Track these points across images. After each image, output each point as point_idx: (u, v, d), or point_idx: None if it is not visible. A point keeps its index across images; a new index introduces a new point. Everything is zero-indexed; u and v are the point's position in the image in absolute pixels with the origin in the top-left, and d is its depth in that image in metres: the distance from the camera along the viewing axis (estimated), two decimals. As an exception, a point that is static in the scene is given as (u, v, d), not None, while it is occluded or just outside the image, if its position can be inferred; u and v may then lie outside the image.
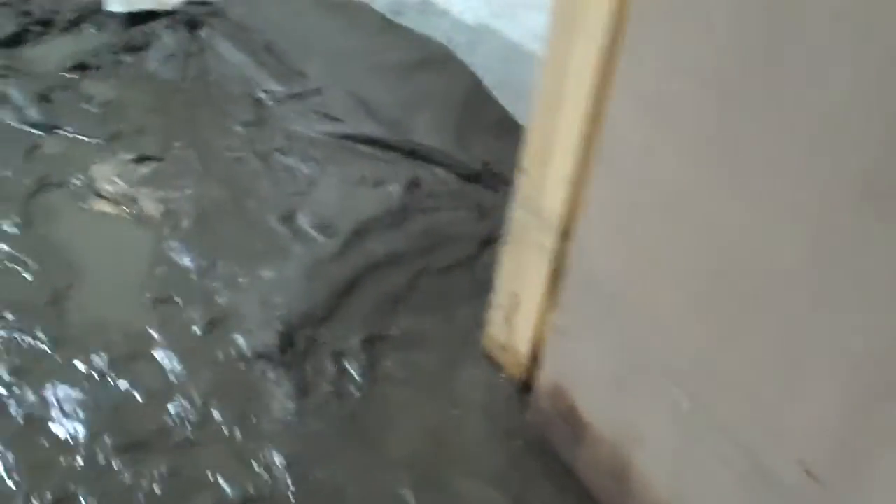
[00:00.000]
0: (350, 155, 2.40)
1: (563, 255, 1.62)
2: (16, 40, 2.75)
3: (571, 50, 1.46)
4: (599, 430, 1.62)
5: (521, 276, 1.74)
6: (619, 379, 1.52)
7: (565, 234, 1.60)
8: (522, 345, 1.80)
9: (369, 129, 2.46)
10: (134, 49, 2.76)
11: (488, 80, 2.56)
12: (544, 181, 1.62)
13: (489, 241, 2.19)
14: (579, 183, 1.55)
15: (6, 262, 2.04)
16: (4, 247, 2.07)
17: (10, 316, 1.91)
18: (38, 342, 1.87)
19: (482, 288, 1.99)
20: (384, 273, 2.09)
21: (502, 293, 1.82)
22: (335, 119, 2.50)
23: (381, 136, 2.44)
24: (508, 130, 2.49)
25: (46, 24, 2.83)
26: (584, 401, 1.65)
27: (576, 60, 1.45)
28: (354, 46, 2.69)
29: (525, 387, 1.82)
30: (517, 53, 2.44)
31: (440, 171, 2.37)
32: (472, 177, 2.37)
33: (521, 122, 2.51)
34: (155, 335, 1.90)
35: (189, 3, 2.90)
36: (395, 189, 2.26)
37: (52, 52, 2.73)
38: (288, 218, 2.21)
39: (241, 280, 2.04)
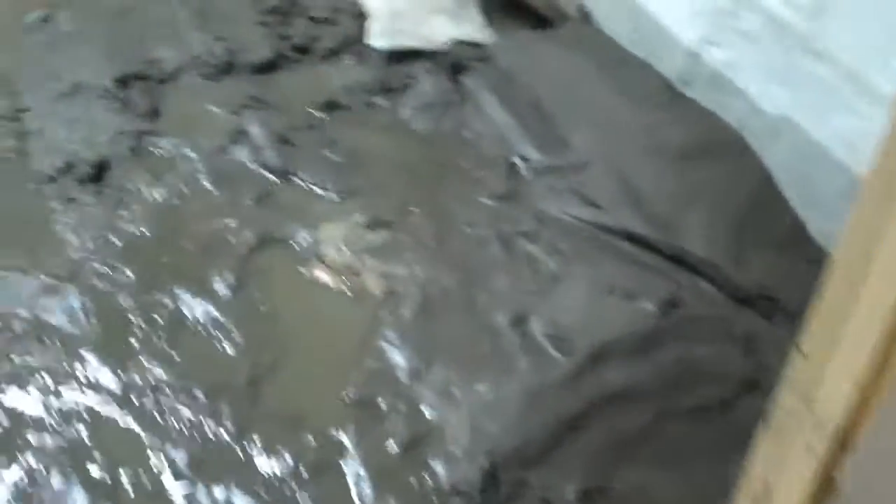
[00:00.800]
0: (603, 252, 2.25)
1: (836, 465, 1.40)
2: (270, 66, 2.79)
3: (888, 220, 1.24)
4: None
5: (778, 466, 1.53)
6: None
7: (842, 443, 1.38)
8: (769, 549, 1.58)
9: (631, 221, 2.30)
10: (389, 91, 2.74)
11: (780, 181, 2.33)
12: (825, 367, 1.40)
13: (752, 386, 1.98)
14: (872, 385, 1.32)
15: (210, 328, 2.05)
16: (212, 310, 2.09)
17: (201, 396, 1.91)
18: (224, 431, 1.86)
19: (734, 444, 1.78)
20: (619, 409, 1.93)
21: (754, 477, 1.61)
22: (594, 204, 2.36)
23: (644, 233, 2.27)
24: (796, 245, 2.26)
25: (304, 51, 2.87)
26: None
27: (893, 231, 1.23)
28: (629, 118, 2.54)
29: None
30: (819, 156, 2.20)
31: (706, 288, 2.18)
32: (744, 299, 2.16)
33: (812, 236, 2.27)
34: (349, 444, 1.85)
35: (457, 44, 2.84)
36: (648, 307, 2.09)
37: (304, 84, 2.76)
38: (520, 321, 2.09)
39: (454, 391, 1.94)
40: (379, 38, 2.86)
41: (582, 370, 1.97)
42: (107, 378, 1.94)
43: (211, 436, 1.85)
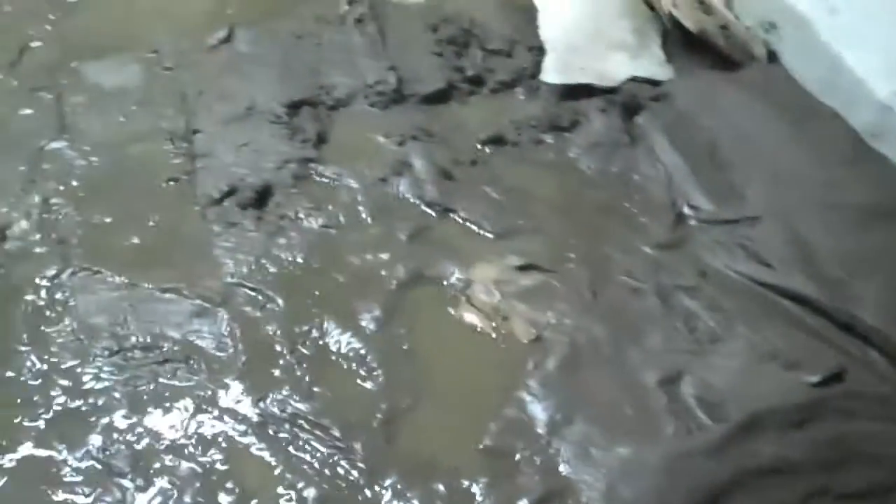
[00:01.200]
0: (768, 314, 2.21)
1: None
2: (440, 97, 2.86)
3: None
4: None
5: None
6: None
7: None
8: None
9: (801, 283, 2.25)
10: (559, 129, 2.75)
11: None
12: None
13: (917, 473, 1.90)
14: None
15: (353, 363, 2.12)
16: (356, 345, 2.16)
17: (336, 432, 1.97)
18: (355, 470, 1.91)
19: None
20: (766, 484, 1.90)
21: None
22: (763, 262, 2.32)
23: (814, 296, 2.22)
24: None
25: (477, 82, 2.91)
26: None
27: None
28: (810, 172, 2.48)
29: None
30: None
31: (876, 360, 2.11)
32: (919, 377, 2.08)
33: None
34: (479, 496, 1.87)
35: (633, 81, 2.83)
36: (811, 379, 2.03)
37: (473, 117, 2.82)
38: (671, 381, 2.08)
39: (593, 450, 1.95)
40: (553, 72, 2.88)
41: (731, 439, 1.94)
42: (246, 407, 2.04)
43: (343, 474, 1.91)
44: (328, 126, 2.76)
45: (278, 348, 2.16)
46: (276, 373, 2.11)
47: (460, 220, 2.48)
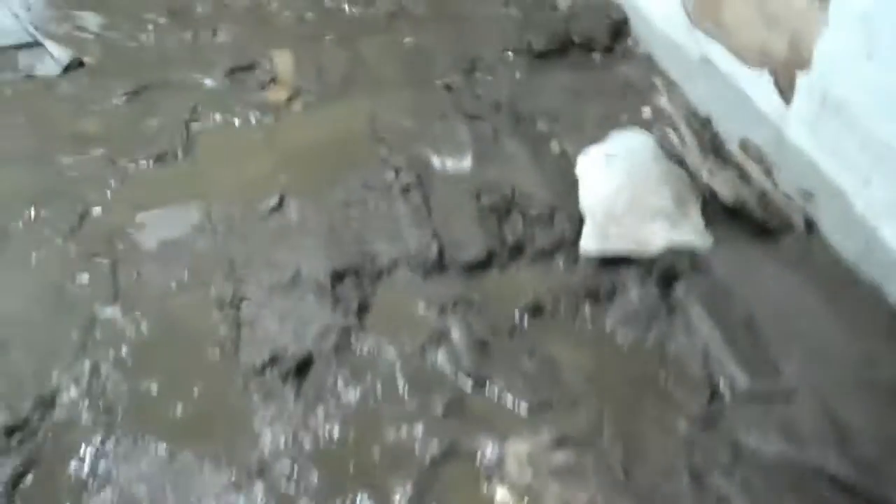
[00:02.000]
0: (800, 496, 2.19)
1: None
2: (481, 265, 2.92)
3: None
4: None
5: None
6: None
7: None
8: None
9: (835, 463, 2.23)
10: (596, 298, 2.79)
11: None
12: None
13: None
14: None
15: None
16: (386, 527, 2.18)
17: None
18: None
19: None
20: None
21: None
22: (798, 439, 2.30)
23: (847, 477, 2.20)
24: None
25: (517, 250, 2.97)
26: None
27: None
28: (846, 347, 2.48)
29: None
30: None
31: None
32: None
33: None
34: None
35: (671, 251, 2.86)
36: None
37: (512, 285, 2.87)
38: (701, 567, 2.05)
39: None
40: (591, 241, 2.93)
41: None
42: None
43: None
44: (370, 295, 2.83)
45: (310, 525, 2.20)
46: (307, 554, 2.14)
47: (495, 393, 2.52)
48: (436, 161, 3.31)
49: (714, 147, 3.27)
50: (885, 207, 2.63)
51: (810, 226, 2.92)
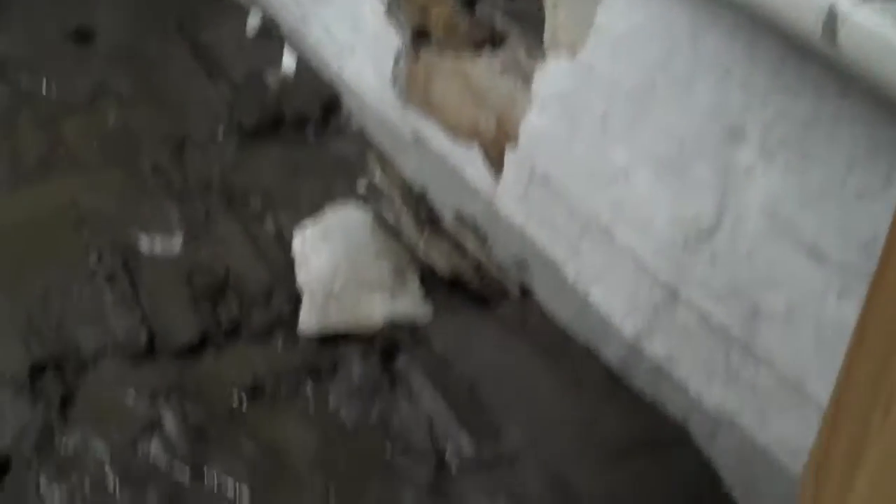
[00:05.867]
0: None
1: None
2: (195, 349, 2.81)
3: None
4: None
5: None
6: None
7: None
8: None
9: (562, 525, 2.26)
10: (319, 376, 2.74)
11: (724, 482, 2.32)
12: None
13: None
14: None
15: None
16: None
17: None
18: None
19: None
20: None
21: None
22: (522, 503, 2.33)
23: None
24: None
25: (233, 333, 2.88)
26: None
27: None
28: (567, 409, 2.55)
29: None
30: (761, 461, 2.19)
31: None
32: None
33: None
34: None
35: (391, 325, 2.87)
36: None
37: (229, 368, 2.77)
38: None
39: None
40: (311, 319, 2.89)
41: None
42: None
43: None
44: (75, 387, 2.65)
45: None
46: None
47: (215, 480, 2.41)
48: (144, 244, 3.18)
49: (430, 220, 3.32)
50: (594, 273, 2.73)
51: (525, 293, 3.01)
